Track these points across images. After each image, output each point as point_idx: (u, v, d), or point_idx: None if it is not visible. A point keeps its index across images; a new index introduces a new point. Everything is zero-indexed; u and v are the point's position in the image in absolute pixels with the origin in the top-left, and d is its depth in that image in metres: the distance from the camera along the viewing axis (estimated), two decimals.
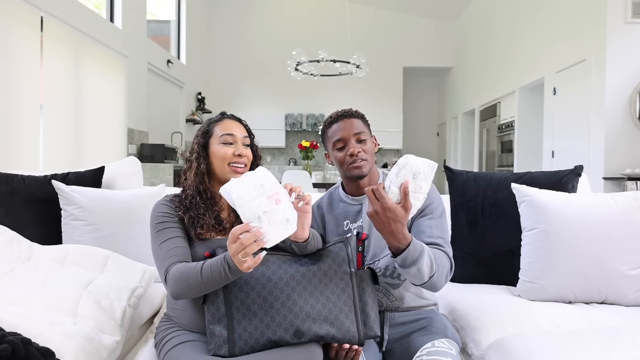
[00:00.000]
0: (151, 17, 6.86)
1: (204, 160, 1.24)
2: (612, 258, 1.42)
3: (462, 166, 8.63)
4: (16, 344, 0.93)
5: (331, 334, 1.05)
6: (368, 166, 1.30)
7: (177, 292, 1.07)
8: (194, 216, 1.19)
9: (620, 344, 1.11)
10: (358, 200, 1.37)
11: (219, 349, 1.04)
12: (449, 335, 1.26)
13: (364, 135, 1.30)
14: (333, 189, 1.47)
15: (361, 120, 1.34)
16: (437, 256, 1.16)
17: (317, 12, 9.29)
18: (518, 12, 6.36)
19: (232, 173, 1.21)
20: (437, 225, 1.26)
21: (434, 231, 1.24)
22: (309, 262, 1.13)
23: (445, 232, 1.27)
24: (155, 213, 1.20)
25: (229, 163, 1.22)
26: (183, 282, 1.05)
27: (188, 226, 1.18)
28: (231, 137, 1.24)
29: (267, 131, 9.12)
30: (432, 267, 1.11)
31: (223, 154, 1.22)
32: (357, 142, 1.30)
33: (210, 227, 1.20)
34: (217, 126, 1.27)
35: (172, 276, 1.07)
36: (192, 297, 1.11)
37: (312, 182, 5.19)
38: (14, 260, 1.35)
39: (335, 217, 1.40)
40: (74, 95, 4.50)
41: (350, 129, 1.30)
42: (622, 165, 4.32)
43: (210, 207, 1.22)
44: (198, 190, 1.23)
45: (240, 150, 1.24)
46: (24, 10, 3.74)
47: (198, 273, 1.03)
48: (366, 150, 1.30)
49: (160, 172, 5.42)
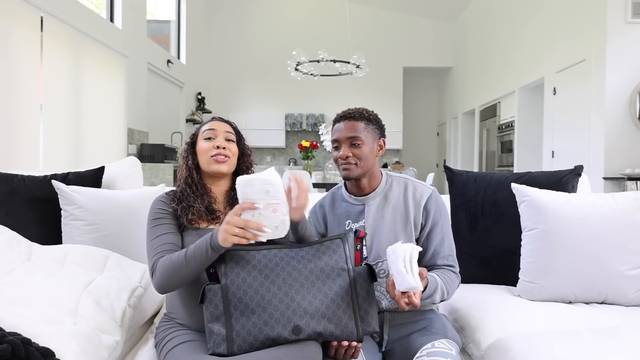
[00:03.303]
0: (151, 17, 6.86)
1: (191, 156, 1.33)
2: (612, 258, 1.42)
3: (462, 166, 8.63)
4: (16, 344, 0.93)
5: (329, 330, 1.06)
6: (358, 170, 1.30)
7: (162, 282, 1.12)
8: (185, 206, 1.25)
9: (620, 344, 1.11)
10: (361, 201, 1.36)
11: (218, 347, 1.04)
12: (449, 336, 1.26)
13: (359, 140, 1.29)
14: (336, 189, 1.47)
15: (365, 122, 1.31)
16: (450, 279, 1.27)
17: (317, 12, 9.29)
18: (518, 12, 6.36)
19: (215, 163, 1.29)
20: (448, 238, 1.34)
21: (445, 249, 1.32)
22: (307, 259, 1.13)
23: (453, 246, 1.35)
24: (152, 209, 1.27)
25: (211, 155, 1.29)
26: (168, 270, 1.11)
27: (181, 215, 1.24)
28: (212, 132, 1.32)
29: (267, 131, 9.12)
30: (444, 295, 1.23)
31: (205, 147, 1.30)
32: (350, 146, 1.30)
33: (202, 214, 1.26)
34: (204, 126, 1.36)
35: (158, 268, 1.13)
36: (175, 287, 1.15)
37: (312, 182, 5.19)
38: (14, 260, 1.35)
39: (338, 217, 1.39)
40: (74, 95, 4.50)
41: (346, 132, 1.30)
42: (622, 165, 4.32)
43: (199, 196, 1.28)
44: (187, 183, 1.30)
45: (220, 142, 1.30)
46: (24, 10, 3.74)
47: (183, 257, 1.10)
48: (358, 154, 1.29)
49: (160, 172, 5.42)
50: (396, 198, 1.34)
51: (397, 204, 1.34)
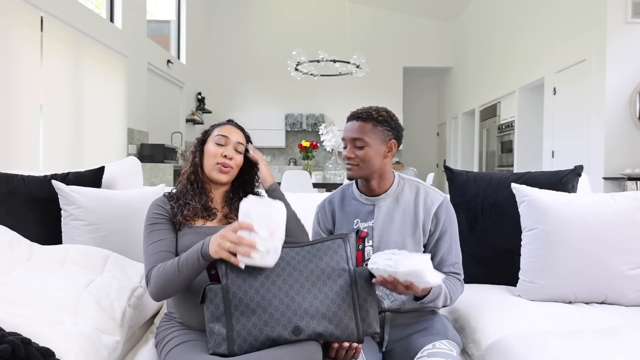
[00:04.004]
0: (151, 17, 6.86)
1: (199, 154, 1.34)
2: (612, 258, 1.42)
3: (462, 166, 8.63)
4: (16, 344, 0.93)
5: (330, 331, 1.05)
6: (360, 172, 1.30)
7: (157, 291, 1.14)
8: (182, 203, 1.27)
9: (620, 344, 1.11)
10: (371, 201, 1.35)
11: (218, 347, 1.04)
12: (450, 337, 1.26)
13: (362, 142, 1.28)
14: (346, 186, 1.45)
15: (373, 124, 1.29)
16: (454, 286, 1.29)
17: (317, 12, 9.29)
18: (518, 12, 6.36)
19: (217, 172, 1.30)
20: (455, 246, 1.34)
21: (452, 257, 1.33)
22: (307, 259, 1.13)
23: (459, 254, 1.35)
24: (148, 214, 1.28)
25: (217, 162, 1.29)
26: (161, 278, 1.13)
27: (176, 212, 1.25)
28: (224, 139, 1.32)
29: (267, 131, 9.12)
30: (447, 300, 1.25)
31: (214, 152, 1.30)
32: (354, 147, 1.30)
33: (198, 211, 1.27)
34: (217, 128, 1.35)
35: (152, 277, 1.15)
36: (170, 295, 1.16)
37: (312, 182, 5.19)
38: (14, 260, 1.35)
39: (346, 215, 1.38)
40: (74, 95, 4.50)
41: (351, 132, 1.31)
42: (622, 165, 4.32)
43: (198, 194, 1.30)
44: (190, 180, 1.31)
45: (229, 152, 1.30)
46: (24, 10, 3.74)
47: (175, 265, 1.11)
48: (360, 156, 1.28)
49: (160, 172, 5.42)
50: (407, 202, 1.34)
51: (408, 207, 1.33)
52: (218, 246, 1.05)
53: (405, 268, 1.01)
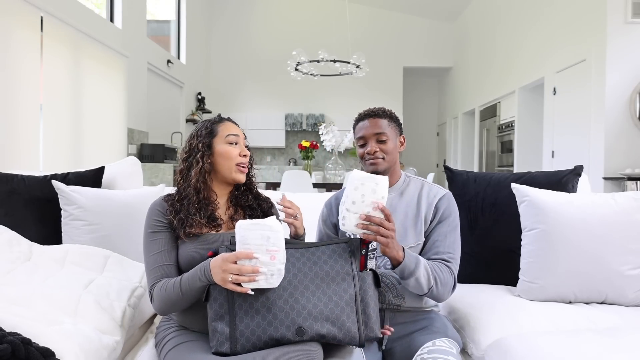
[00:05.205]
0: (151, 17, 6.86)
1: (208, 159, 1.25)
2: (612, 258, 1.42)
3: (462, 166, 8.63)
4: (16, 344, 0.93)
5: (332, 334, 1.06)
6: (385, 164, 1.36)
7: (162, 309, 1.16)
8: (183, 217, 1.20)
9: (620, 344, 1.11)
10: None
11: (221, 345, 1.04)
12: (450, 335, 1.26)
13: (385, 136, 1.35)
14: None
15: (388, 120, 1.38)
16: (439, 270, 1.24)
17: (317, 12, 9.28)
18: (518, 12, 6.36)
19: (238, 173, 1.27)
20: (451, 237, 1.33)
21: (445, 247, 1.31)
22: (312, 261, 1.13)
23: (455, 248, 1.33)
24: (148, 219, 1.23)
25: (237, 163, 1.26)
26: (165, 300, 1.13)
27: (177, 227, 1.20)
28: (235, 138, 1.28)
29: (267, 131, 9.12)
30: (429, 280, 1.21)
31: (230, 153, 1.26)
32: (377, 142, 1.35)
33: (202, 225, 1.22)
34: (220, 127, 1.29)
35: (155, 296, 1.15)
36: (176, 311, 1.18)
37: (312, 182, 5.19)
38: (14, 260, 1.35)
39: None
40: (74, 96, 4.50)
41: (372, 129, 1.36)
42: (622, 165, 4.32)
43: (203, 207, 1.23)
44: (197, 189, 1.23)
45: (243, 150, 1.29)
46: (24, 10, 3.74)
47: (178, 288, 1.11)
48: (385, 149, 1.35)
49: (160, 172, 5.42)
50: (411, 196, 1.38)
51: (411, 201, 1.37)
52: (222, 280, 1.04)
53: (354, 196, 1.13)
